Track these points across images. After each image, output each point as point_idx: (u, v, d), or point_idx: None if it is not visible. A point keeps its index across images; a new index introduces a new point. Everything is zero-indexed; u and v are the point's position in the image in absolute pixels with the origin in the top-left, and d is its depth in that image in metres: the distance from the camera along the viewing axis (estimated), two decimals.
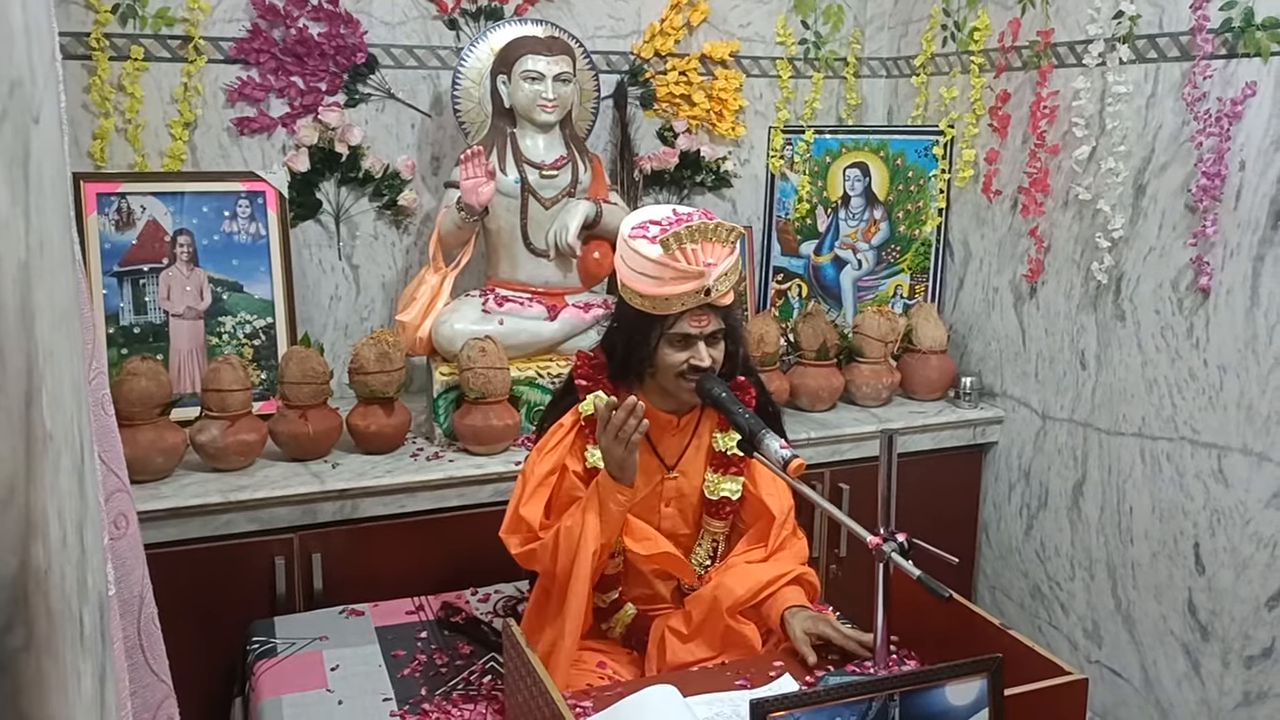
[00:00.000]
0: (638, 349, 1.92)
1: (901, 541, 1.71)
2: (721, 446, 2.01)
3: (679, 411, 2.02)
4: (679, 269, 1.83)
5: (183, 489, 2.34)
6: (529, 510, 1.93)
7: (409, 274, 3.01)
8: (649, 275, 1.85)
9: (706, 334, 1.90)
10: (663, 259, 1.83)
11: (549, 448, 1.98)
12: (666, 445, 2.03)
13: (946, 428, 2.99)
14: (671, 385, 1.94)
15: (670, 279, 1.84)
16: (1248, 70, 2.29)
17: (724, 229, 1.88)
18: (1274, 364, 2.28)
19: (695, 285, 1.85)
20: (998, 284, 3.05)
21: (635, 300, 1.90)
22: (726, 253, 1.88)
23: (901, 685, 1.38)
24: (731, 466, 2.01)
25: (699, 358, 1.90)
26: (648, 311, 1.89)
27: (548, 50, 2.69)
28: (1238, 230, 2.33)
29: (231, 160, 2.84)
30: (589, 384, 1.99)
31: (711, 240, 1.86)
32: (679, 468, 2.03)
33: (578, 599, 1.87)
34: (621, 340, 1.96)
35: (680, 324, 1.88)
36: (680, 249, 1.83)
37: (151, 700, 1.46)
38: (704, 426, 2.05)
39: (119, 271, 2.62)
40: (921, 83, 3.26)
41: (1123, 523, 2.67)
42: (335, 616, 2.30)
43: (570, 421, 1.99)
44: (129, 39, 2.69)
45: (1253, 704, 2.38)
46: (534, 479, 1.95)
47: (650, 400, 2.01)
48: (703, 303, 1.87)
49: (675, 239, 1.82)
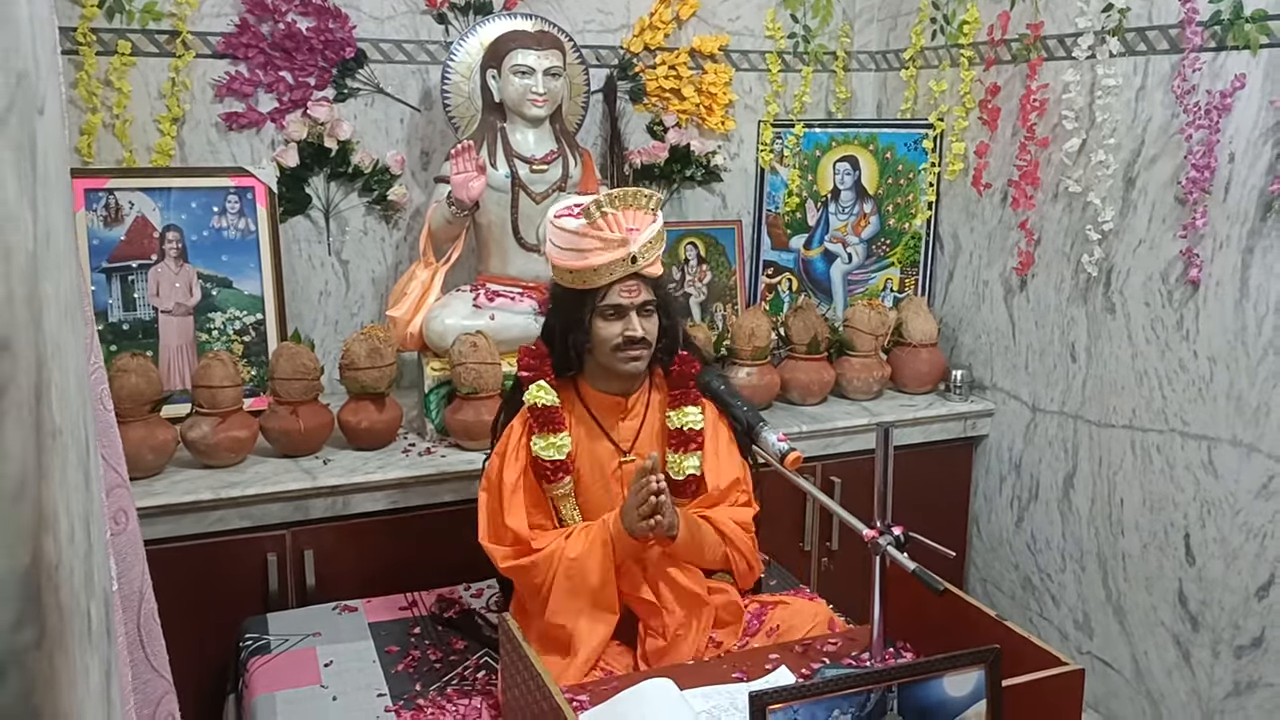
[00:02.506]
0: (574, 329, 1.96)
1: (897, 535, 1.72)
2: (677, 423, 2.01)
3: (624, 393, 2.04)
4: (602, 237, 1.89)
5: (174, 486, 2.32)
6: (515, 521, 1.95)
7: (399, 269, 2.99)
8: (574, 248, 1.90)
9: (638, 304, 1.94)
10: (585, 229, 1.89)
11: (509, 452, 2.00)
12: (618, 429, 2.04)
13: (937, 421, 2.99)
14: (609, 360, 1.97)
15: (595, 249, 1.89)
16: (1236, 63, 2.30)
17: (643, 195, 1.93)
18: (1263, 355, 2.30)
19: (620, 254, 1.90)
20: (988, 277, 3.06)
21: (565, 279, 1.95)
22: (649, 219, 1.93)
23: (900, 677, 1.38)
24: (691, 442, 2.01)
25: (632, 328, 1.93)
26: (578, 288, 1.93)
27: (537, 44, 2.69)
28: (1227, 222, 2.35)
29: (220, 156, 2.82)
30: (531, 375, 2.01)
31: (632, 207, 1.92)
32: (634, 450, 2.04)
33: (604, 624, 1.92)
34: (558, 323, 2.00)
35: (610, 295, 1.92)
36: (602, 216, 1.88)
37: (152, 696, 1.45)
38: (654, 406, 2.06)
39: (108, 268, 2.60)
40: (911, 76, 3.27)
41: (1113, 514, 2.68)
42: (328, 613, 2.30)
43: (520, 424, 2.01)
44: (116, 33, 2.67)
45: (1242, 693, 2.40)
46: (507, 487, 1.97)
47: (594, 385, 2.04)
48: (629, 271, 1.92)
49: (595, 206, 1.88)
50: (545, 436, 1.96)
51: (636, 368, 1.97)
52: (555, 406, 1.98)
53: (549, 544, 1.93)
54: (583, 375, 2.05)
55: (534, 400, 1.97)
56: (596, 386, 2.04)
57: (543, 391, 1.98)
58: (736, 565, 2.05)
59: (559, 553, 1.91)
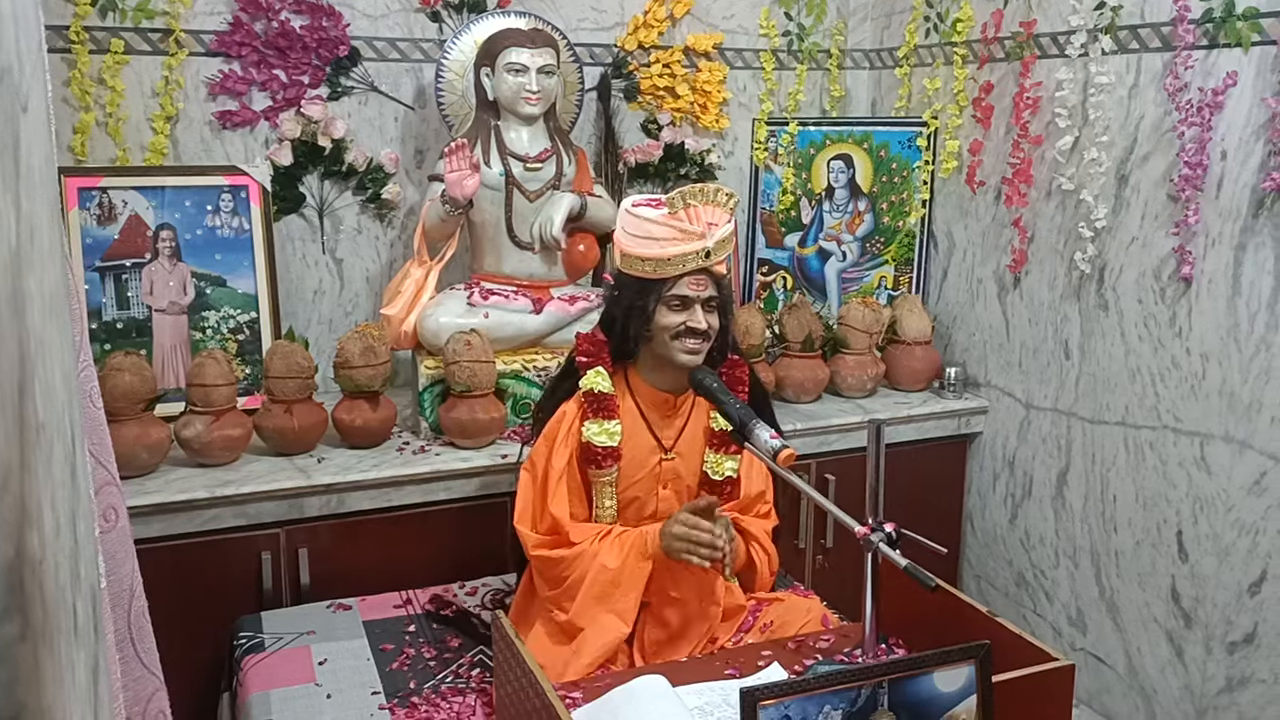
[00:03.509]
0: (636, 315, 1.98)
1: (889, 531, 1.72)
2: (720, 426, 2.04)
3: (675, 391, 2.06)
4: (682, 228, 1.92)
5: (168, 484, 2.32)
6: (558, 509, 1.97)
7: (393, 268, 3.00)
8: (652, 237, 1.94)
9: (703, 298, 1.97)
10: (666, 219, 1.93)
11: (560, 437, 2.02)
12: (663, 426, 2.06)
13: (931, 418, 3.00)
14: (666, 350, 1.99)
15: (673, 239, 1.93)
16: (1228, 60, 2.30)
17: (723, 194, 1.97)
18: (1255, 352, 2.30)
19: (697, 246, 1.93)
20: (981, 274, 3.06)
21: (636, 267, 1.97)
22: (725, 217, 1.97)
23: (890, 673, 1.38)
24: (731, 445, 2.04)
25: (696, 320, 1.96)
26: (648, 276, 1.96)
27: (531, 42, 2.69)
28: (1219, 219, 2.35)
29: (214, 154, 2.82)
30: (589, 360, 2.04)
31: (712, 203, 1.95)
32: (676, 449, 2.07)
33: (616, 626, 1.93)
34: (620, 310, 2.02)
35: (679, 286, 1.95)
36: (685, 208, 1.92)
37: (142, 693, 1.45)
38: (699, 407, 2.09)
39: (101, 266, 2.60)
40: (905, 74, 3.27)
41: (1106, 511, 2.69)
42: (322, 611, 2.30)
43: (574, 410, 2.03)
44: (109, 32, 2.67)
45: (1235, 689, 2.40)
46: (554, 473, 1.99)
47: (646, 379, 2.06)
48: (702, 265, 1.95)
49: (680, 197, 1.92)
50: (599, 422, 2.00)
51: (692, 360, 1.99)
52: (611, 393, 2.02)
53: (584, 541, 1.95)
54: (635, 368, 2.08)
55: (591, 385, 2.01)
56: (648, 380, 2.07)
57: (600, 377, 2.02)
58: (760, 569, 2.08)
59: (592, 556, 1.93)
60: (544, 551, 1.97)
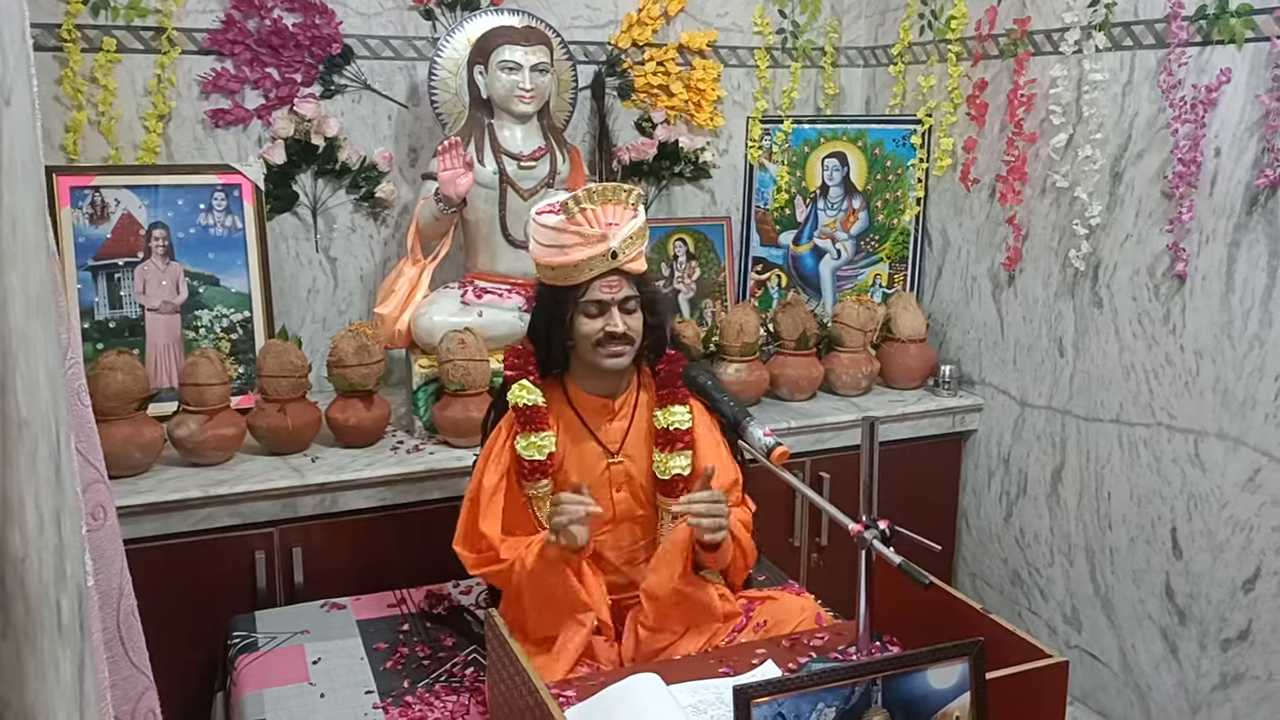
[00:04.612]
0: (556, 326, 1.95)
1: (883, 529, 1.72)
2: (663, 423, 2.00)
3: (611, 394, 2.03)
4: (581, 232, 1.88)
5: (161, 484, 2.32)
6: (488, 526, 1.95)
7: (387, 266, 2.99)
8: (555, 245, 1.90)
9: (619, 299, 1.93)
10: (564, 224, 1.88)
11: (493, 455, 1.99)
12: (606, 430, 2.03)
13: (926, 416, 3.00)
14: (591, 357, 1.96)
15: (575, 245, 1.88)
16: (1222, 57, 2.30)
17: (623, 190, 1.92)
18: (1249, 349, 2.30)
19: (600, 249, 1.89)
20: (976, 272, 3.06)
21: (547, 275, 1.95)
22: (629, 214, 1.92)
23: (884, 670, 1.38)
24: (677, 442, 2.00)
25: (614, 324, 1.92)
26: (560, 284, 1.93)
27: (525, 40, 2.68)
28: (1213, 216, 2.35)
29: (206, 153, 2.81)
30: (516, 374, 2.00)
31: (611, 202, 1.90)
32: (623, 451, 2.03)
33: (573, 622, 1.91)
34: (542, 321, 1.99)
35: (591, 291, 1.92)
36: (580, 211, 1.87)
37: (132, 692, 1.45)
38: (641, 407, 2.05)
39: (94, 265, 2.59)
40: (899, 72, 3.27)
41: (1101, 508, 2.69)
42: (316, 610, 2.29)
43: (506, 426, 2.00)
44: (101, 30, 2.66)
45: (1229, 686, 2.40)
46: (485, 491, 1.96)
47: (582, 386, 2.03)
48: (610, 267, 1.91)
49: (574, 201, 1.87)
50: (527, 436, 1.95)
51: (618, 364, 1.96)
52: (538, 406, 1.97)
53: (511, 555, 1.93)
54: (570, 375, 2.04)
55: (516, 400, 1.96)
56: (583, 387, 2.03)
57: (525, 391, 1.97)
58: (736, 566, 2.05)
59: (519, 564, 1.91)
60: (483, 569, 1.96)
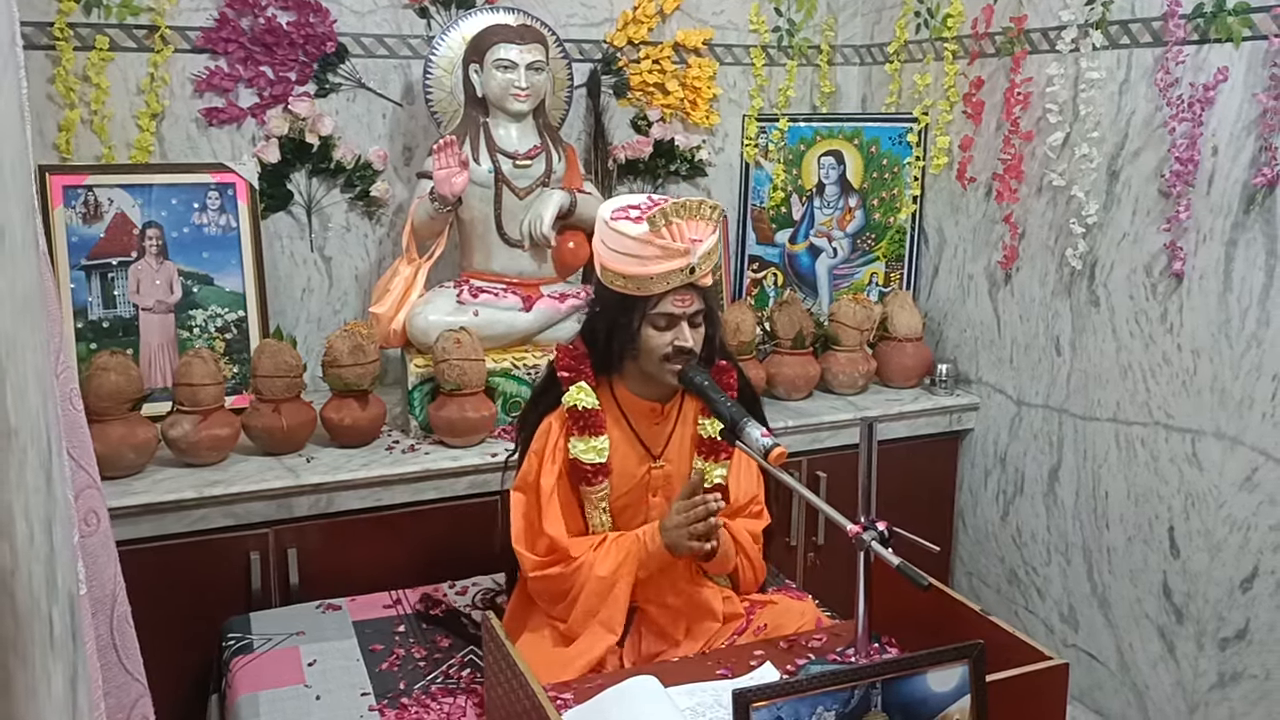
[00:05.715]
0: (620, 333, 1.91)
1: (882, 530, 1.71)
2: (708, 433, 2.00)
3: (662, 399, 2.02)
4: (665, 246, 1.84)
5: (156, 485, 2.30)
6: (553, 528, 1.93)
7: (382, 265, 2.98)
8: (633, 255, 1.85)
9: (689, 314, 1.90)
10: (648, 237, 1.83)
11: (546, 453, 1.97)
12: (651, 434, 2.02)
13: (923, 415, 2.99)
14: (655, 369, 1.93)
15: (655, 257, 1.84)
16: (1219, 55, 2.30)
17: (707, 206, 1.88)
18: (1247, 348, 2.30)
19: (680, 263, 1.85)
20: (972, 271, 3.06)
21: (617, 283, 1.89)
22: (709, 230, 1.88)
23: (883, 673, 1.37)
24: (721, 452, 2.00)
25: (683, 338, 1.90)
26: (630, 293, 1.88)
27: (520, 38, 2.67)
28: (1210, 215, 2.35)
29: (200, 152, 2.80)
30: (571, 375, 1.98)
31: (695, 217, 1.86)
32: (665, 456, 2.02)
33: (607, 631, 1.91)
34: (603, 326, 1.95)
35: (663, 304, 1.88)
36: (666, 226, 1.83)
37: (126, 700, 1.43)
38: (687, 414, 2.04)
39: (87, 265, 2.58)
40: (895, 70, 3.26)
41: (1098, 507, 2.68)
42: (312, 611, 2.28)
43: (558, 425, 1.98)
44: (93, 28, 2.64)
45: (1227, 685, 2.40)
46: (545, 492, 1.94)
47: (631, 389, 2.01)
48: (686, 281, 1.87)
49: (661, 215, 1.83)
50: (585, 439, 1.93)
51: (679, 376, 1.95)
52: (596, 409, 1.95)
53: (581, 554, 1.92)
54: (620, 378, 2.01)
55: (574, 402, 1.94)
56: (634, 391, 2.00)
57: (583, 394, 1.95)
58: (744, 574, 2.06)
59: (588, 566, 1.90)
60: (542, 572, 1.94)
